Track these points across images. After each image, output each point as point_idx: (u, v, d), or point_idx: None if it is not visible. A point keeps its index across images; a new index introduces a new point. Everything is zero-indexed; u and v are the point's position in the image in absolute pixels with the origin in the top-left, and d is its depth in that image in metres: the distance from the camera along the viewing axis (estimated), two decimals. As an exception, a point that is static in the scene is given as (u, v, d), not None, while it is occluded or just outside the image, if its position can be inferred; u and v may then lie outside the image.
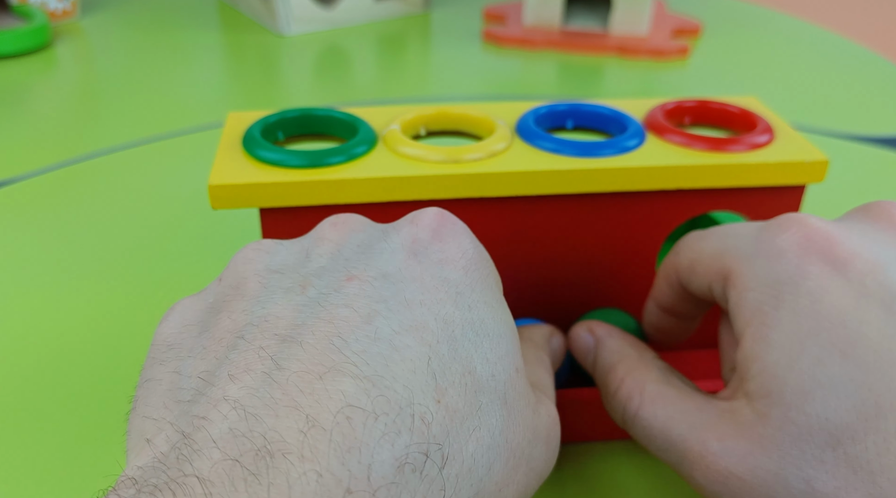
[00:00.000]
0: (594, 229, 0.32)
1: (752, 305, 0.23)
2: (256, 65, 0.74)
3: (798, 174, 0.31)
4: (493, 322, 0.20)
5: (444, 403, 0.18)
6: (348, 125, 0.32)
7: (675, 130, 0.32)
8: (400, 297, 0.19)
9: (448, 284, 0.20)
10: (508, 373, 0.20)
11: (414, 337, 0.18)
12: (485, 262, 0.22)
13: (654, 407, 0.24)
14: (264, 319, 0.18)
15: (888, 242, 0.22)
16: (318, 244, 0.21)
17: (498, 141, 0.30)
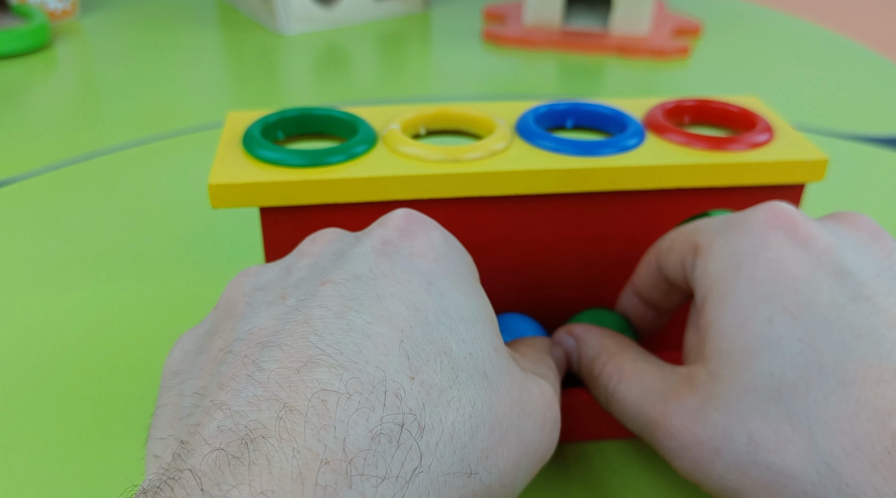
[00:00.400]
0: (594, 228, 0.32)
1: (714, 273, 0.24)
2: (256, 64, 0.74)
3: (798, 173, 0.31)
4: (466, 307, 0.22)
5: (418, 379, 0.19)
6: (348, 124, 0.32)
7: (674, 129, 0.32)
8: (371, 292, 0.20)
9: (419, 275, 0.21)
10: (486, 352, 0.21)
11: (386, 325, 0.20)
12: (456, 252, 0.23)
13: (630, 382, 0.26)
14: (249, 332, 0.20)
15: (846, 235, 0.24)
16: (298, 260, 0.23)
17: (498, 140, 0.30)
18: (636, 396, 0.25)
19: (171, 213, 0.48)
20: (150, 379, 0.35)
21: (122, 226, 0.47)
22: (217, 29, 0.84)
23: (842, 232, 0.24)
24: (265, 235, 0.30)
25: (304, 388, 0.18)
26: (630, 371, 0.26)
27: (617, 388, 0.26)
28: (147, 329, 0.38)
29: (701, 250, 0.25)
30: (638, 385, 0.25)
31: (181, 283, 0.42)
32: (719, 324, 0.23)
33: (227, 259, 0.44)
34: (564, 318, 0.34)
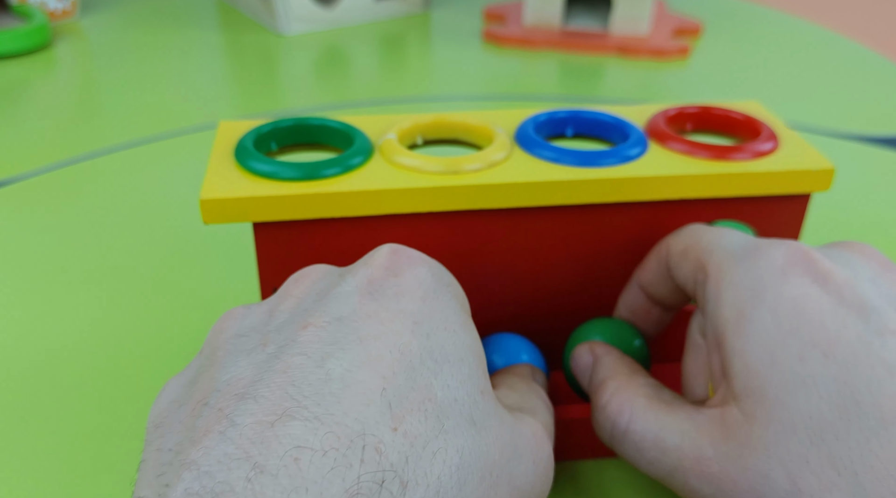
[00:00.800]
0: (596, 240, 0.31)
1: (733, 303, 0.23)
2: (256, 64, 0.74)
3: (803, 183, 0.30)
4: (453, 347, 0.21)
5: (401, 429, 0.18)
6: (343, 135, 0.31)
7: (677, 138, 0.31)
8: (353, 336, 0.19)
9: (405, 315, 0.20)
10: (473, 396, 0.20)
11: (367, 371, 0.19)
12: (445, 287, 0.22)
13: (646, 420, 0.24)
14: (227, 383, 0.19)
15: (861, 267, 0.23)
16: (281, 302, 0.22)
17: (497, 150, 0.30)
18: (654, 435, 0.24)
19: (172, 213, 0.48)
20: (147, 381, 0.35)
21: (122, 225, 0.47)
22: (217, 29, 0.84)
23: (855, 264, 0.24)
24: (259, 251, 0.29)
25: (277, 444, 0.17)
26: (644, 407, 0.24)
27: (629, 427, 0.24)
28: (146, 329, 0.38)
29: (712, 275, 0.24)
30: (656, 423, 0.24)
31: (181, 283, 0.42)
32: (746, 358, 0.22)
33: (227, 258, 0.44)
34: (566, 330, 0.34)
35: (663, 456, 0.23)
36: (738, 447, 0.22)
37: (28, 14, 0.77)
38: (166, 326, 0.39)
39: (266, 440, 0.17)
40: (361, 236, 0.29)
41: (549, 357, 0.34)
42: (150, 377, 0.35)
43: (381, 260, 0.22)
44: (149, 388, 0.35)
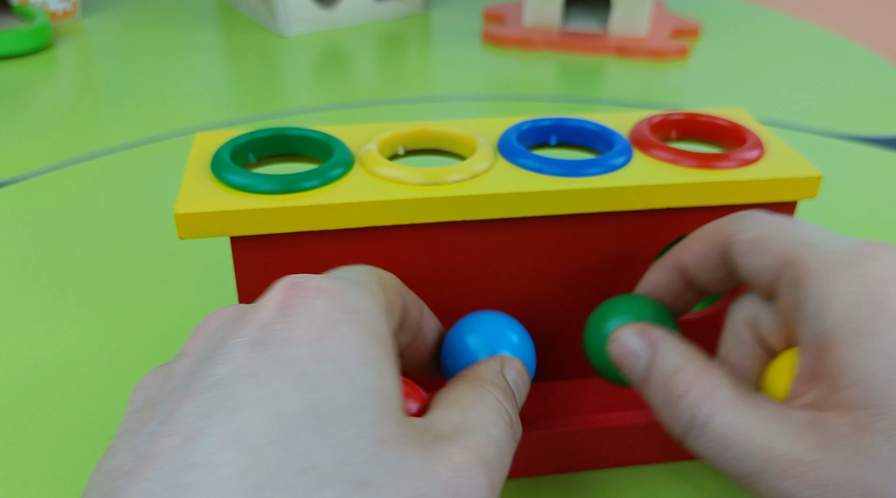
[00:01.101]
0: (580, 250, 0.31)
1: (844, 310, 0.22)
2: (257, 65, 0.75)
3: (790, 191, 0.30)
4: (346, 396, 0.19)
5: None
6: (323, 145, 0.31)
7: (662, 146, 0.31)
8: (226, 405, 0.18)
9: (290, 367, 0.18)
10: (368, 449, 0.18)
11: (234, 450, 0.17)
12: (349, 318, 0.20)
13: (730, 414, 0.22)
14: (108, 473, 0.18)
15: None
16: (178, 361, 0.20)
17: (480, 161, 0.29)
18: (740, 433, 0.22)
19: (172, 214, 0.49)
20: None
21: (123, 226, 0.47)
22: (218, 29, 0.84)
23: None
24: (237, 266, 0.29)
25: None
26: (727, 401, 0.22)
27: (710, 421, 0.22)
28: (145, 328, 0.38)
29: (814, 274, 0.23)
30: (742, 419, 0.22)
31: (180, 283, 0.42)
32: (865, 371, 0.21)
33: (225, 259, 0.44)
34: (551, 339, 0.33)
35: (749, 456, 0.22)
36: (849, 457, 0.21)
37: (29, 15, 0.78)
38: (162, 327, 0.39)
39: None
40: (342, 249, 0.29)
41: (541, 365, 0.34)
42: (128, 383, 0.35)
43: (274, 299, 0.20)
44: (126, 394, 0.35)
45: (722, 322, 0.34)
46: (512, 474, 0.31)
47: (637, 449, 0.31)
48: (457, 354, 0.27)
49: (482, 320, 0.28)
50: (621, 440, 0.31)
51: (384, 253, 0.29)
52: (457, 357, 0.27)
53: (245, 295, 0.30)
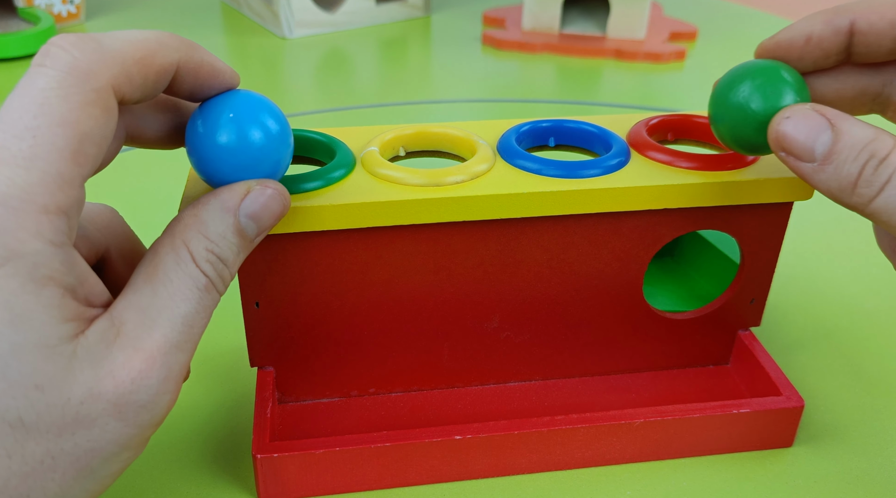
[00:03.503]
0: (578, 250, 0.31)
1: None
2: (260, 67, 0.75)
3: (786, 192, 0.30)
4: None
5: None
6: (325, 147, 0.31)
7: (659, 148, 0.31)
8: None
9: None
10: (21, 398, 0.20)
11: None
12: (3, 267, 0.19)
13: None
14: None
15: None
16: None
17: (479, 162, 0.30)
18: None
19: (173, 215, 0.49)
20: None
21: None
22: (221, 32, 0.85)
23: None
24: (240, 267, 0.29)
25: None
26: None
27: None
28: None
29: None
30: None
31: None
32: None
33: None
34: (550, 341, 0.34)
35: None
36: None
37: (35, 17, 0.78)
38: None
39: None
40: (344, 250, 0.30)
41: (540, 364, 0.34)
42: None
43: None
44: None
45: (718, 322, 0.35)
46: (511, 471, 0.31)
47: (637, 446, 0.32)
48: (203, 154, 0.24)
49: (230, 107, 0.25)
50: (621, 437, 0.31)
51: (385, 253, 0.30)
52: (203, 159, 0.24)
53: (247, 295, 0.30)
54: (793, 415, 0.32)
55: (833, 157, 0.24)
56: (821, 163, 0.25)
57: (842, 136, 0.24)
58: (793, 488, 0.31)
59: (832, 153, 0.24)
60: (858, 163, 0.24)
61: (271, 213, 0.24)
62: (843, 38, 0.27)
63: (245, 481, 0.31)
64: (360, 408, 0.34)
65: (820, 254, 0.47)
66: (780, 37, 0.28)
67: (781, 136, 0.25)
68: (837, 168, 0.24)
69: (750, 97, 0.26)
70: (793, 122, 0.25)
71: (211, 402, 0.35)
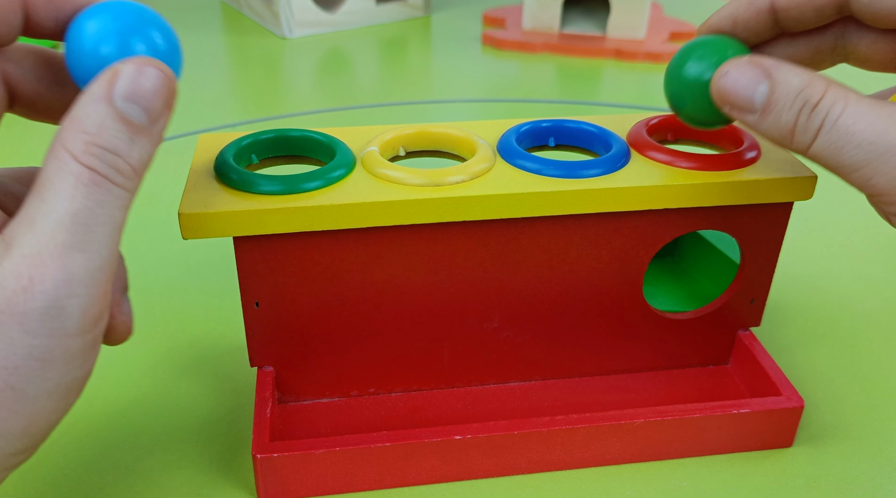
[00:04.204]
0: (578, 250, 0.31)
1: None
2: (259, 67, 0.75)
3: (786, 192, 0.30)
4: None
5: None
6: (325, 147, 0.31)
7: (659, 148, 0.31)
8: None
9: None
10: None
11: None
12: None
13: (861, 107, 0.24)
14: None
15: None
16: None
17: (479, 162, 0.30)
18: (874, 121, 0.24)
19: (173, 215, 0.49)
20: (127, 385, 0.36)
21: (127, 227, 0.48)
22: (221, 32, 0.85)
23: None
24: (239, 266, 0.29)
25: None
26: (858, 99, 0.24)
27: (845, 112, 0.24)
28: (146, 328, 0.39)
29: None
30: (874, 112, 0.24)
31: (180, 283, 0.42)
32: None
33: (225, 258, 0.45)
34: (550, 340, 0.34)
35: (878, 138, 0.24)
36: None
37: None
38: (166, 328, 0.40)
39: None
40: (344, 249, 0.30)
41: (540, 365, 0.35)
42: (131, 381, 0.36)
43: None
44: (129, 391, 0.36)
45: (718, 323, 0.35)
46: (511, 471, 0.31)
47: (637, 446, 0.32)
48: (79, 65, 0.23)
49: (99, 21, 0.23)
50: (621, 438, 0.31)
51: (384, 252, 0.30)
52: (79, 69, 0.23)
53: (248, 295, 0.30)
54: (793, 415, 0.32)
55: (771, 107, 0.25)
56: (761, 113, 0.26)
57: (777, 85, 0.25)
58: (792, 489, 0.31)
59: (770, 103, 0.25)
60: (794, 110, 0.25)
61: (150, 90, 0.22)
62: (767, 16, 0.28)
63: (245, 481, 0.31)
64: (360, 408, 0.34)
65: (820, 254, 0.47)
66: (710, 21, 0.30)
67: (722, 90, 0.26)
68: (776, 117, 0.25)
69: (694, 69, 0.28)
70: (731, 77, 0.26)
71: (211, 402, 0.35)
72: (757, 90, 0.26)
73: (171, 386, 0.36)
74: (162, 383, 0.36)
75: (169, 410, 0.34)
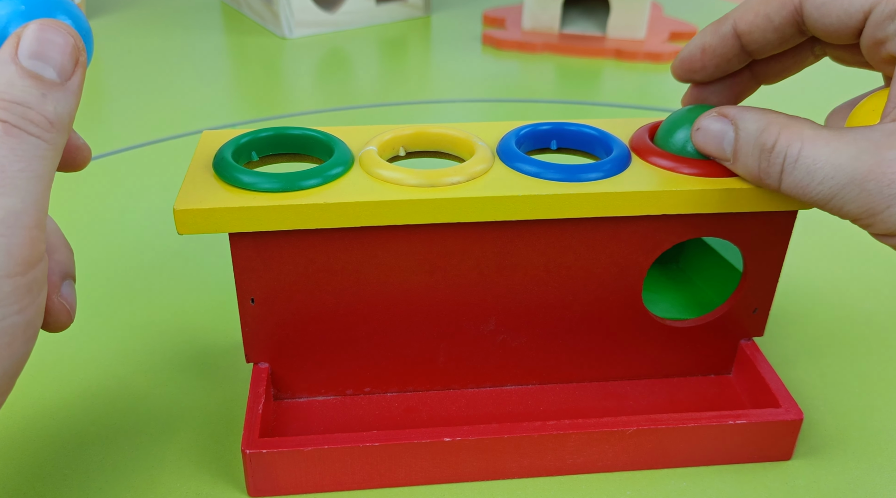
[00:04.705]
0: (576, 254, 0.31)
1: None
2: (260, 67, 0.75)
3: (789, 200, 0.30)
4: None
5: None
6: (324, 145, 0.31)
7: (661, 152, 0.30)
8: None
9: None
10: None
11: None
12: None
13: (817, 144, 0.25)
14: None
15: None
16: None
17: (477, 163, 0.30)
18: (829, 156, 0.25)
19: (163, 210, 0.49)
20: (129, 378, 0.36)
21: (127, 226, 0.48)
22: (222, 32, 0.85)
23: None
24: (235, 262, 0.29)
25: None
26: (813, 135, 0.25)
27: (802, 152, 0.25)
28: (147, 327, 0.39)
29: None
30: (828, 146, 0.25)
31: (181, 283, 0.42)
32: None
33: (225, 259, 0.45)
34: (548, 346, 0.34)
35: (837, 171, 0.25)
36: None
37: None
38: (166, 326, 0.40)
39: None
40: (339, 248, 0.29)
41: (536, 369, 0.34)
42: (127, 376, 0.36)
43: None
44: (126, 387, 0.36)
45: (720, 331, 0.34)
46: (501, 475, 0.31)
47: (630, 454, 0.31)
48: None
49: None
50: (613, 445, 0.31)
51: (381, 252, 0.30)
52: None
53: (244, 291, 0.30)
54: (791, 428, 0.31)
55: (738, 154, 0.28)
56: (732, 161, 0.28)
57: (739, 133, 0.27)
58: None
59: (736, 151, 0.28)
60: (755, 157, 0.27)
61: (53, 45, 0.22)
62: (733, 42, 0.30)
63: (236, 477, 0.31)
64: (354, 407, 0.34)
65: (824, 263, 0.46)
66: (682, 54, 0.31)
67: (699, 145, 0.29)
68: (744, 162, 0.28)
69: (680, 139, 0.30)
70: (702, 133, 0.28)
71: (207, 397, 0.35)
72: (725, 140, 0.28)
73: (168, 381, 0.36)
74: (158, 379, 0.36)
75: (165, 406, 0.34)
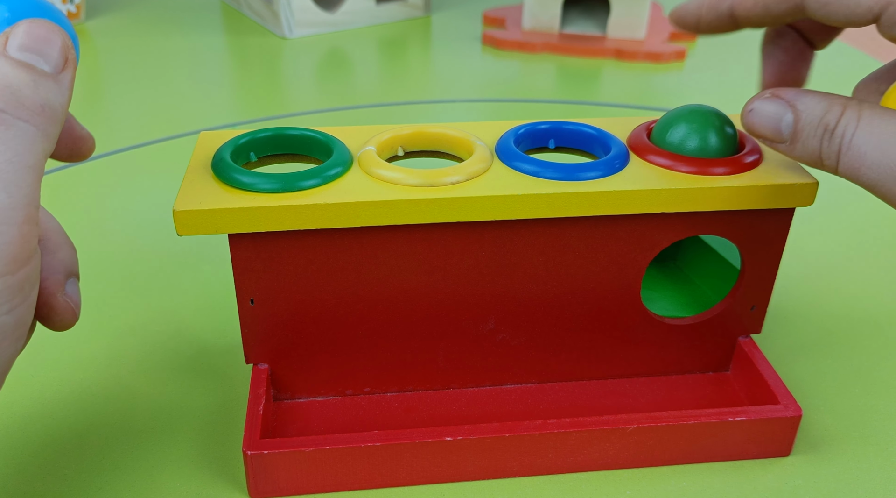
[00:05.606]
0: (575, 253, 0.31)
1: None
2: (260, 67, 0.75)
3: (787, 198, 0.30)
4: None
5: None
6: (323, 145, 0.31)
7: (659, 151, 0.31)
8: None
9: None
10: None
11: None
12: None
13: (871, 125, 0.25)
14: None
15: None
16: None
17: (476, 163, 0.30)
18: (878, 142, 0.25)
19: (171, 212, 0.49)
20: (130, 377, 0.36)
21: (127, 226, 0.48)
22: (221, 32, 0.85)
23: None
24: (234, 263, 0.29)
25: None
26: (870, 116, 0.25)
27: (855, 134, 0.25)
28: (148, 327, 0.39)
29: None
30: (880, 129, 0.25)
31: (181, 283, 0.42)
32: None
33: (226, 259, 0.45)
34: (547, 345, 0.34)
35: (883, 157, 0.25)
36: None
37: (35, 18, 0.78)
38: (165, 326, 0.40)
39: None
40: (339, 248, 0.29)
41: (536, 368, 0.34)
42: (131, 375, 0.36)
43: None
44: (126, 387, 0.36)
45: (718, 329, 0.35)
46: (502, 474, 0.31)
47: (630, 451, 0.31)
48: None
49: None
50: (614, 443, 0.31)
51: (380, 253, 0.30)
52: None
53: (243, 292, 0.30)
54: (790, 424, 0.32)
55: (798, 136, 0.27)
56: (790, 142, 0.27)
57: (801, 114, 0.27)
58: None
59: (796, 132, 0.27)
60: (818, 137, 0.27)
61: (44, 41, 0.22)
62: (728, 21, 0.30)
63: (237, 478, 0.31)
64: (354, 407, 0.33)
65: (822, 260, 0.46)
66: (679, 12, 0.31)
67: (751, 127, 0.28)
68: (804, 144, 0.27)
69: (686, 139, 0.31)
70: (755, 114, 0.28)
71: (207, 398, 0.35)
72: (782, 121, 0.27)
73: (168, 382, 0.36)
74: (158, 379, 0.36)
75: (165, 407, 0.35)
